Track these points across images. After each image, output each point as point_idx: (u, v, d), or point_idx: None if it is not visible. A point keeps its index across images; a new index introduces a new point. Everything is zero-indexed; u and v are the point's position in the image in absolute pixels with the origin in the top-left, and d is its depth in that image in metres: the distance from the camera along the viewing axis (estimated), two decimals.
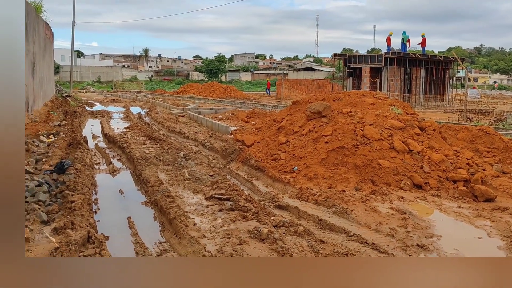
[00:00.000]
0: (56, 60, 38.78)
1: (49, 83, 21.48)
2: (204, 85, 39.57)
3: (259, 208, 6.00)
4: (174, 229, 5.28)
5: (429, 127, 9.26)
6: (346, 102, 10.14)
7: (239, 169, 8.69)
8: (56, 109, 18.32)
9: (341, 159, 7.92)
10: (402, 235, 5.14)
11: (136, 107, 25.03)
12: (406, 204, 6.44)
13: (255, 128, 12.25)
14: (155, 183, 7.13)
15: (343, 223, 5.53)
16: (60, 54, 58.98)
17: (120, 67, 76.89)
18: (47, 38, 19.77)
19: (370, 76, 27.70)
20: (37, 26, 16.49)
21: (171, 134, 13.72)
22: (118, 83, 52.22)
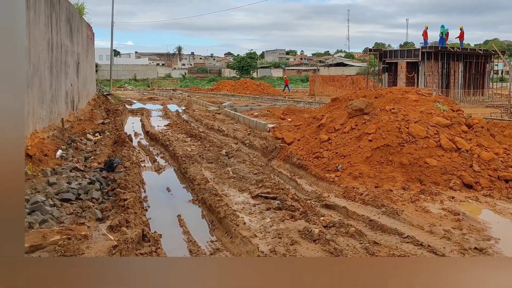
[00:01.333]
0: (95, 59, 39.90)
1: (91, 82, 22.11)
2: (238, 82, 39.65)
3: (306, 207, 5.91)
4: (224, 228, 5.28)
5: (477, 124, 8.86)
6: (388, 99, 9.86)
7: (281, 167, 8.61)
8: (99, 108, 18.83)
9: (386, 158, 7.71)
10: (458, 238, 4.93)
11: (173, 104, 25.36)
12: (458, 205, 6.19)
13: (294, 125, 12.13)
14: (201, 181, 7.17)
15: (395, 224, 5.36)
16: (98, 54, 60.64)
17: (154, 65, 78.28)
18: (89, 39, 20.33)
19: (407, 71, 26.92)
20: (81, 27, 16.97)
21: (210, 131, 13.80)
22: (153, 81, 53.18)
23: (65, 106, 12.54)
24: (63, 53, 12.43)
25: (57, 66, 11.38)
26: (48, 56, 10.32)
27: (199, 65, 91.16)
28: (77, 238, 4.44)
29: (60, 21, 11.85)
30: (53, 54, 10.91)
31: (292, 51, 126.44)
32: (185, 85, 52.23)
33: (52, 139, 9.26)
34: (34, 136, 8.42)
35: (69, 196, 5.88)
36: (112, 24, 34.74)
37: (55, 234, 4.45)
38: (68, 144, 9.50)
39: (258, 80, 47.27)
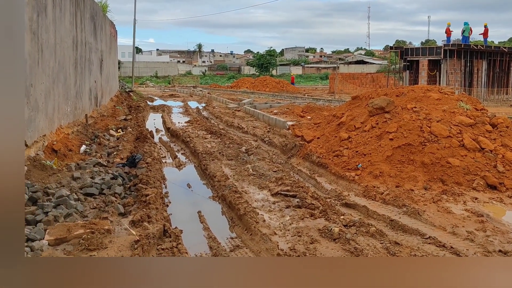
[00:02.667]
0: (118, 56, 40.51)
1: (114, 79, 22.45)
2: (257, 80, 39.60)
3: (326, 206, 5.85)
4: (244, 225, 5.27)
5: (501, 123, 8.60)
6: (410, 97, 9.66)
7: (301, 165, 8.56)
8: (121, 104, 19.11)
9: (408, 157, 7.56)
10: (481, 240, 4.80)
11: (193, 101, 25.53)
12: (481, 206, 6.02)
13: (314, 123, 12.03)
14: (221, 178, 7.18)
15: (416, 224, 5.25)
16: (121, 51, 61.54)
17: (175, 62, 79.01)
18: (112, 36, 20.62)
19: (428, 69, 26.36)
20: (104, 25, 17.22)
21: (230, 128, 13.83)
22: (174, 78, 53.65)
23: (89, 102, 12.77)
24: (87, 50, 12.65)
25: (81, 63, 11.58)
26: (73, 53, 10.51)
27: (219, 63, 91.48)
28: (100, 232, 4.51)
29: (84, 19, 12.04)
30: (78, 51, 11.10)
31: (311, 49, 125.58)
32: (205, 82, 52.50)
33: (76, 135, 9.44)
34: (59, 132, 8.59)
35: (93, 190, 5.98)
36: (134, 22, 35.18)
37: (79, 228, 4.53)
38: (92, 140, 9.67)
39: (277, 78, 47.12)
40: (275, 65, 65.24)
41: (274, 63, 63.70)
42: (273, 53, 65.11)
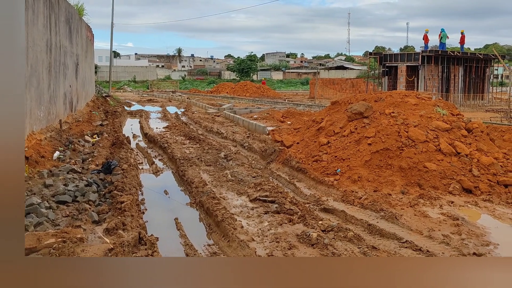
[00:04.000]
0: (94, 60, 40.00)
1: (90, 84, 22.11)
2: (238, 85, 39.66)
3: (305, 211, 5.89)
4: (222, 231, 5.25)
5: (477, 128, 8.85)
6: (388, 102, 9.85)
7: (280, 170, 8.59)
8: (97, 109, 18.82)
9: (386, 161, 7.69)
10: (457, 243, 4.90)
11: (172, 106, 25.36)
12: (457, 210, 6.16)
13: (293, 128, 12.12)
14: (199, 184, 7.14)
15: (393, 228, 5.33)
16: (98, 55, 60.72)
17: (154, 66, 78.34)
18: (88, 40, 20.33)
19: (407, 75, 26.94)
20: (80, 29, 16.97)
21: (209, 134, 13.78)
22: (153, 83, 53.19)
23: (63, 107, 12.52)
24: (62, 54, 12.42)
25: (55, 67, 11.36)
26: (47, 56, 10.31)
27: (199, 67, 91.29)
28: (72, 241, 4.42)
29: (59, 22, 11.84)
30: (52, 55, 10.90)
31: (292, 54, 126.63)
32: (184, 87, 52.26)
33: (50, 141, 9.23)
34: (31, 138, 8.39)
35: (66, 198, 5.85)
36: (112, 26, 34.77)
37: (50, 237, 4.42)
38: (66, 146, 9.48)
39: (258, 83, 47.28)
40: (255, 70, 65.56)
41: (254, 68, 64.02)
42: (254, 58, 65.43)
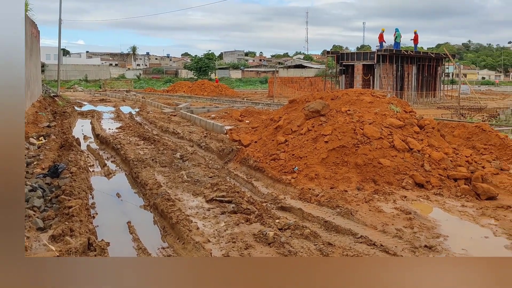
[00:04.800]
0: (41, 59, 38.24)
1: (36, 83, 21.12)
2: (195, 83, 39.33)
3: (262, 210, 5.92)
4: (177, 233, 5.18)
5: (428, 125, 9.26)
6: (344, 100, 10.10)
7: (238, 170, 8.60)
8: (44, 110, 18.01)
9: (342, 159, 7.88)
10: (409, 236, 5.11)
11: (126, 106, 24.75)
12: (410, 204, 6.42)
13: (251, 127, 12.16)
14: (154, 185, 7.01)
15: (349, 224, 5.48)
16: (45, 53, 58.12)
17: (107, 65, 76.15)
18: (33, 37, 19.41)
19: (363, 74, 27.78)
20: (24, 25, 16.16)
21: (165, 134, 13.57)
22: (106, 82, 51.64)
23: None
24: None
25: None
26: None
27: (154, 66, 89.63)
28: None
29: None
30: None
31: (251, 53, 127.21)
32: (139, 86, 51.15)
33: None
34: None
35: None
36: (60, 22, 33.39)
37: None
38: None
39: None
40: (213, 68, 65.24)
41: (212, 66, 63.70)
42: (212, 56, 65.08)
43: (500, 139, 10.34)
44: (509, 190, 7.06)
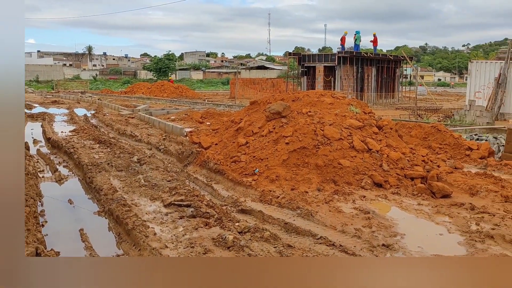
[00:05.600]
0: None
1: None
2: (154, 85, 38.71)
3: (221, 213, 5.89)
4: (132, 240, 5.05)
5: (386, 125, 9.56)
6: (305, 102, 10.25)
7: (197, 173, 8.52)
8: None
9: (303, 160, 7.98)
10: (367, 235, 5.24)
11: (81, 108, 24.01)
12: (369, 203, 6.59)
13: (212, 129, 12.10)
14: (109, 191, 6.81)
15: (309, 225, 5.54)
16: None
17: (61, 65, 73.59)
18: None
19: (324, 75, 28.34)
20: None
21: (122, 137, 13.25)
22: (59, 83, 49.82)
23: None
24: None
25: None
26: None
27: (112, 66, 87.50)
28: None
29: None
30: None
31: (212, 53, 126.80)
32: (96, 87, 49.74)
33: None
34: None
35: None
36: None
37: None
38: None
39: (176, 83, 46.57)
40: (174, 69, 64.47)
41: (173, 67, 62.93)
42: (172, 57, 64.29)
43: (454, 139, 10.84)
44: (463, 188, 7.40)
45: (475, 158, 9.87)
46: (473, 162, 9.64)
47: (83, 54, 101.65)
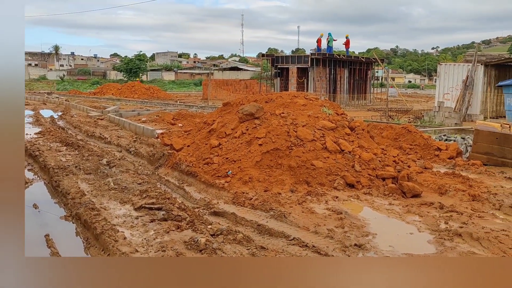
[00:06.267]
0: None
1: None
2: (125, 85, 38.09)
3: (194, 216, 5.84)
4: (101, 245, 4.95)
5: (358, 127, 9.73)
6: (278, 103, 10.31)
7: (169, 175, 8.42)
8: None
9: (276, 161, 8.02)
10: (340, 236, 5.31)
11: (47, 109, 23.36)
12: (341, 204, 6.68)
13: (184, 131, 12.00)
14: (76, 194, 6.65)
15: (282, 227, 5.57)
16: None
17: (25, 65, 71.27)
18: None
19: (297, 76, 28.59)
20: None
21: (91, 139, 12.97)
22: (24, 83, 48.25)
23: None
24: None
25: None
26: None
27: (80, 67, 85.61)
28: None
29: None
30: None
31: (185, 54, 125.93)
32: (63, 88, 48.52)
33: None
34: None
35: None
36: None
37: None
38: None
39: (147, 84, 45.98)
40: (145, 70, 63.63)
41: (144, 68, 62.10)
42: (143, 57, 63.51)
43: (424, 139, 11.15)
44: (432, 188, 7.61)
45: (444, 158, 10.18)
46: (442, 162, 9.94)
47: (49, 54, 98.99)
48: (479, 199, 6.93)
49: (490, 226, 5.68)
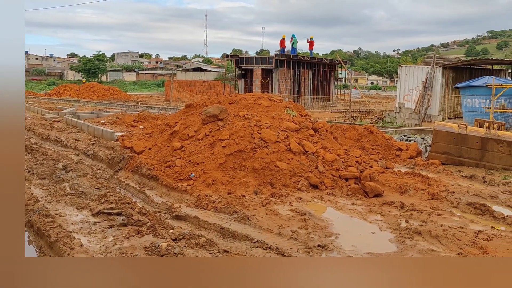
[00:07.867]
0: None
1: None
2: (83, 86, 37.02)
3: (155, 221, 5.74)
4: (56, 253, 4.77)
5: (322, 128, 9.88)
6: (242, 105, 10.31)
7: (129, 179, 8.25)
8: None
9: (240, 163, 8.01)
10: (303, 237, 5.36)
11: None
12: (305, 205, 6.76)
13: (145, 133, 11.79)
14: (29, 201, 6.38)
15: (246, 229, 5.57)
16: None
17: None
18: None
19: (262, 78, 28.73)
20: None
21: (45, 142, 12.51)
22: None
23: None
24: None
25: None
26: None
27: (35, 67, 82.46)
28: None
29: None
30: None
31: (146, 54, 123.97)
32: None
33: None
34: None
35: None
36: None
37: None
38: None
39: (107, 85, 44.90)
40: (104, 70, 62.13)
41: (103, 68, 60.64)
42: (103, 57, 62.01)
43: (385, 140, 11.48)
44: (393, 187, 7.83)
45: (405, 158, 10.51)
46: (402, 162, 10.25)
47: None
48: (438, 197, 7.19)
49: (448, 224, 5.91)
